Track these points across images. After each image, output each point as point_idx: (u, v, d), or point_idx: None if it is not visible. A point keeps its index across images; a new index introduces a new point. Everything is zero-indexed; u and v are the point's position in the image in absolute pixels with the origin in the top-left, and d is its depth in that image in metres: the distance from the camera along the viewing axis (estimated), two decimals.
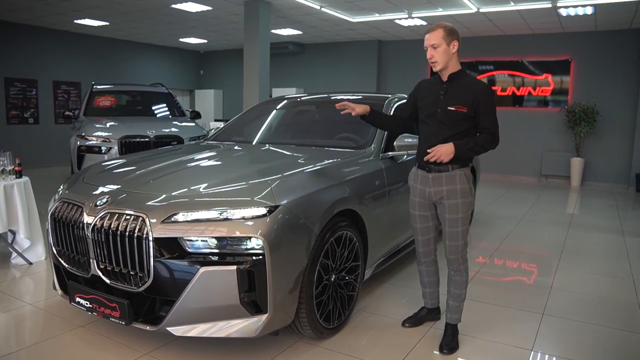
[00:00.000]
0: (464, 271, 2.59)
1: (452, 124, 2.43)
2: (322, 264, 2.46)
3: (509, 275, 3.87)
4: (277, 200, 2.26)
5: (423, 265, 2.75)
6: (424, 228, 2.64)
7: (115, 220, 2.26)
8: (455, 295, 2.61)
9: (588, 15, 7.55)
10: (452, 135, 2.43)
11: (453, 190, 2.47)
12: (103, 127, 6.18)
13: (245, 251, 2.15)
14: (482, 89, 2.43)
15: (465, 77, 2.49)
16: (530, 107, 9.53)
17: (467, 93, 2.42)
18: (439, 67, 2.44)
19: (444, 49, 2.40)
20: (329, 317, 2.57)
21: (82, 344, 2.57)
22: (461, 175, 2.47)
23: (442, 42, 2.39)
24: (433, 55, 2.42)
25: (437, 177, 2.48)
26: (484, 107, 2.41)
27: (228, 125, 4.12)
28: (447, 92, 2.46)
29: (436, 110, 2.47)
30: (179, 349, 2.49)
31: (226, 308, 2.16)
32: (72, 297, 2.47)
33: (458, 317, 2.63)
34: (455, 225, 2.50)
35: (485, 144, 2.43)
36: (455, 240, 2.52)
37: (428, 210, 2.59)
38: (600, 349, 2.63)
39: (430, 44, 2.41)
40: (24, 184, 3.84)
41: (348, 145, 3.37)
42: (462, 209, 2.48)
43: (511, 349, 2.59)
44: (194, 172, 2.79)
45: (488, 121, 2.43)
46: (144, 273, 2.19)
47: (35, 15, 8.72)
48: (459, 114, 2.41)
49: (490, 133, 2.44)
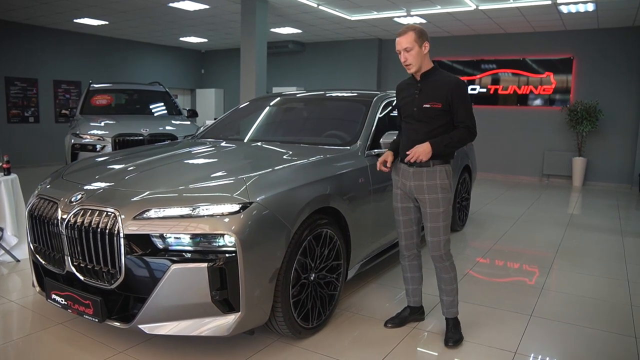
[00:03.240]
0: (450, 267, 2.59)
1: (429, 120, 2.48)
2: (300, 262, 2.42)
3: (500, 275, 3.81)
4: (252, 197, 2.22)
5: (406, 260, 2.75)
6: (406, 220, 2.65)
7: (89, 217, 2.23)
8: (447, 291, 2.61)
9: (589, 12, 7.45)
10: (430, 131, 2.47)
11: (433, 185, 2.50)
12: (98, 126, 6.18)
13: (218, 248, 2.11)
14: (454, 84, 2.46)
15: (438, 73, 2.53)
16: (532, 106, 9.42)
17: (441, 89, 2.46)
18: (413, 70, 2.50)
19: (417, 51, 2.45)
20: (308, 317, 2.52)
21: (59, 341, 2.54)
22: (441, 171, 2.51)
23: (415, 44, 2.44)
24: (407, 58, 2.47)
25: (418, 172, 2.52)
26: (457, 100, 2.44)
27: (217, 122, 4.09)
28: (422, 90, 2.51)
29: (413, 109, 2.52)
30: (155, 347, 2.46)
31: (198, 306, 2.12)
32: (48, 294, 2.45)
33: (455, 310, 2.64)
34: (437, 220, 2.50)
35: (461, 138, 2.47)
36: (436, 235, 2.52)
37: (410, 202, 2.61)
38: (587, 351, 2.56)
39: (403, 48, 2.46)
40: (11, 181, 3.83)
41: (334, 142, 3.33)
42: (442, 203, 2.51)
43: (495, 351, 2.52)
44: (172, 169, 2.75)
45: (463, 114, 2.46)
46: (116, 270, 2.16)
47: (35, 15, 8.75)
48: (435, 110, 2.45)
49: (466, 126, 2.47)
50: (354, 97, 3.82)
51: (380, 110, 3.48)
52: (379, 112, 3.45)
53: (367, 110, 3.41)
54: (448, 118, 2.48)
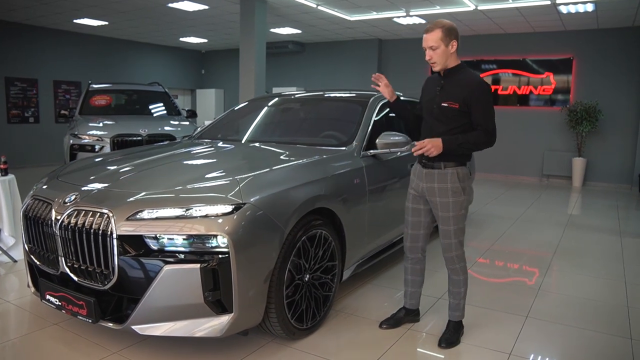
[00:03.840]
0: (460, 270, 2.57)
1: (446, 120, 2.41)
2: (294, 263, 2.42)
3: (497, 276, 3.80)
4: (245, 198, 2.21)
5: (409, 262, 2.72)
6: (415, 222, 2.62)
7: (82, 217, 2.23)
8: (454, 293, 2.60)
9: (589, 12, 7.43)
10: (447, 131, 2.41)
11: (444, 188, 2.44)
12: (96, 126, 6.18)
13: (211, 249, 2.11)
14: (476, 84, 2.38)
15: (462, 72, 2.44)
16: (532, 106, 9.41)
17: (461, 89, 2.38)
18: (438, 68, 2.44)
19: (443, 50, 2.37)
20: (302, 317, 2.52)
21: (53, 341, 2.55)
22: (453, 173, 2.44)
23: (441, 43, 2.36)
24: (432, 56, 2.40)
25: (429, 174, 2.48)
26: (477, 102, 2.35)
27: (214, 123, 4.09)
28: (443, 88, 2.44)
29: (433, 106, 2.46)
30: (148, 348, 2.46)
31: (191, 307, 2.12)
32: (42, 294, 2.45)
33: (459, 314, 2.63)
34: (447, 223, 2.48)
35: (477, 142, 2.37)
36: (447, 238, 2.50)
37: (421, 204, 2.57)
38: (582, 352, 2.56)
39: (429, 46, 2.38)
40: (8, 181, 3.84)
41: (330, 143, 3.32)
42: (453, 207, 2.45)
43: (488, 352, 2.52)
44: (167, 169, 2.75)
45: (481, 117, 2.37)
46: (109, 271, 2.16)
47: (35, 15, 8.77)
48: (452, 110, 2.38)
49: (484, 130, 2.37)
50: (350, 98, 3.82)
51: (376, 111, 3.47)
52: (375, 112, 3.44)
53: (363, 111, 3.40)
54: (466, 120, 2.39)
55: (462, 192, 2.45)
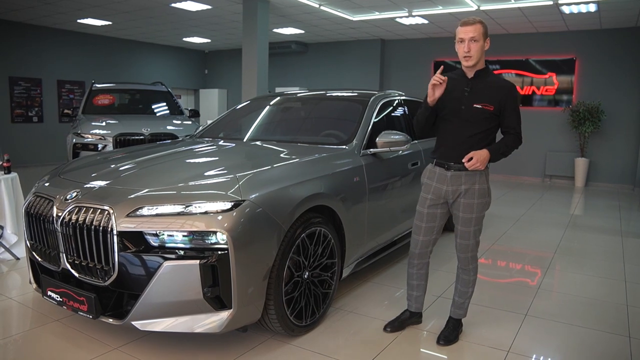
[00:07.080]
0: (472, 270, 2.57)
1: (476, 122, 2.39)
2: (293, 260, 2.43)
3: (498, 275, 3.80)
4: (244, 195, 2.23)
5: (415, 268, 2.66)
6: (429, 228, 2.55)
7: (83, 214, 2.25)
8: (461, 292, 2.61)
9: (592, 13, 7.42)
10: (475, 134, 2.39)
11: (471, 190, 2.43)
12: (99, 125, 6.22)
13: (210, 246, 2.13)
14: (509, 88, 2.40)
15: (491, 75, 2.45)
16: (535, 106, 9.39)
17: (495, 91, 2.37)
18: (471, 62, 2.36)
19: (481, 45, 2.36)
20: (301, 315, 2.53)
21: (55, 337, 2.57)
22: (481, 174, 2.44)
23: (481, 37, 2.35)
24: (471, 48, 2.33)
25: (456, 176, 2.44)
26: (511, 106, 2.38)
27: (215, 122, 4.11)
28: (472, 89, 2.40)
29: (460, 107, 2.41)
30: (149, 344, 2.48)
31: (190, 303, 2.14)
32: (44, 290, 2.47)
33: (462, 312, 2.63)
34: (468, 224, 2.47)
35: (513, 147, 2.41)
36: (466, 239, 2.50)
37: (438, 209, 2.52)
38: (580, 350, 2.56)
39: (471, 37, 2.33)
40: (11, 179, 3.87)
41: (331, 141, 3.33)
42: (477, 209, 2.45)
43: (487, 349, 2.52)
44: (168, 167, 2.77)
45: (515, 120, 2.40)
46: (109, 267, 2.18)
47: (38, 15, 8.82)
48: (485, 112, 2.37)
49: (516, 133, 2.41)
50: (351, 97, 3.83)
51: (377, 110, 3.48)
52: (375, 111, 3.45)
53: (363, 110, 3.41)
54: (494, 123, 2.39)
55: (487, 193, 2.47)
